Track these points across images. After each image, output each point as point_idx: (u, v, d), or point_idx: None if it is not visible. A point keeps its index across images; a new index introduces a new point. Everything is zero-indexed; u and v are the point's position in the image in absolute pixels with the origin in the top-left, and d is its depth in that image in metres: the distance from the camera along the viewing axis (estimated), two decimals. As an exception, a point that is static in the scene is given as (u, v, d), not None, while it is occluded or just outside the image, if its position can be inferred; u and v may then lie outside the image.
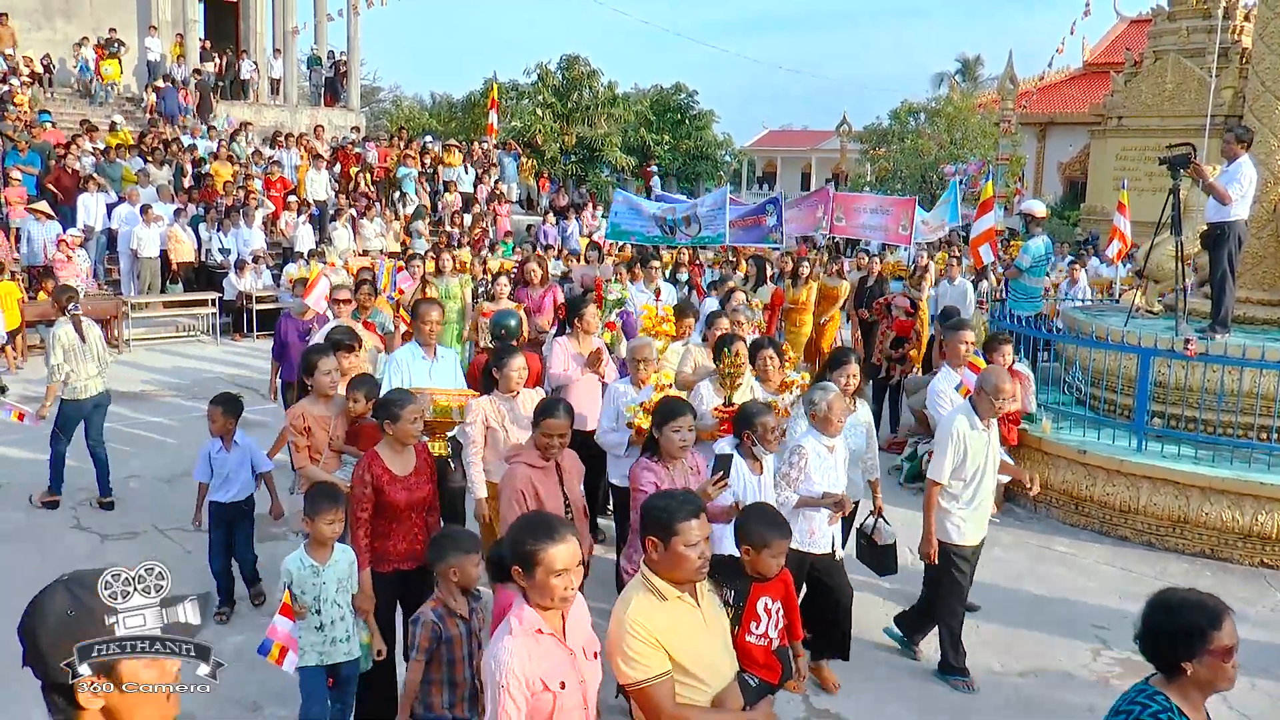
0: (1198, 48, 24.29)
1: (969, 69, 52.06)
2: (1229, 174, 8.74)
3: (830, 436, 5.61)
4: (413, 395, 5.12)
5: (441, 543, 4.29)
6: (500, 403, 6.05)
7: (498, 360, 6.05)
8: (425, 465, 5.14)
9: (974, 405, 5.84)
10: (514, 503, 4.90)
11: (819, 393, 5.64)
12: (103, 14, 25.26)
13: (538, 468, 5.01)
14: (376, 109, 45.83)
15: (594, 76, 34.96)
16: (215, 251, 17.65)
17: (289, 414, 5.83)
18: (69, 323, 8.16)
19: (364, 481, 4.90)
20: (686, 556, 3.32)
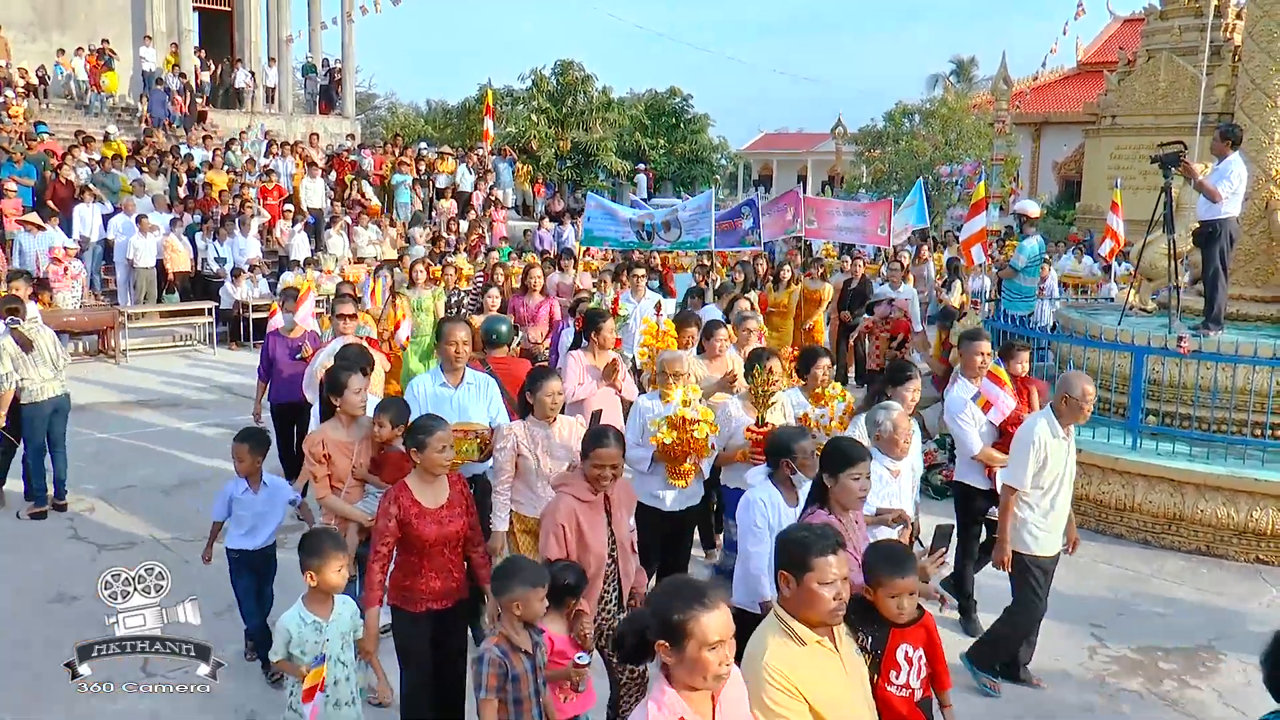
0: (1190, 46, 24.36)
1: (963, 70, 52.17)
2: (1219, 172, 8.78)
3: (896, 459, 5.29)
4: (442, 421, 4.72)
5: (506, 574, 4.02)
6: (535, 428, 5.62)
7: (532, 384, 5.61)
8: (460, 497, 4.77)
9: (1055, 411, 5.64)
10: (553, 538, 4.55)
11: (883, 412, 5.32)
12: (98, 24, 25.34)
13: (584, 501, 4.65)
14: (372, 116, 45.85)
15: (588, 81, 34.99)
16: (211, 261, 17.67)
17: (307, 441, 5.47)
18: (8, 333, 8.16)
19: (388, 514, 4.57)
20: (821, 596, 3.09)
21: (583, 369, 7.23)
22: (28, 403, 8.30)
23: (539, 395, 5.54)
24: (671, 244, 12.92)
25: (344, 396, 5.46)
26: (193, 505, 8.81)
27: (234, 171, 21.29)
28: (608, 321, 7.46)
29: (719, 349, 7.53)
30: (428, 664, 4.73)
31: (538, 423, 5.60)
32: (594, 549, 4.58)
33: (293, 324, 8.78)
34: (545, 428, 5.59)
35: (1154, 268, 10.66)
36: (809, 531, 3.22)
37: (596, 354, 7.33)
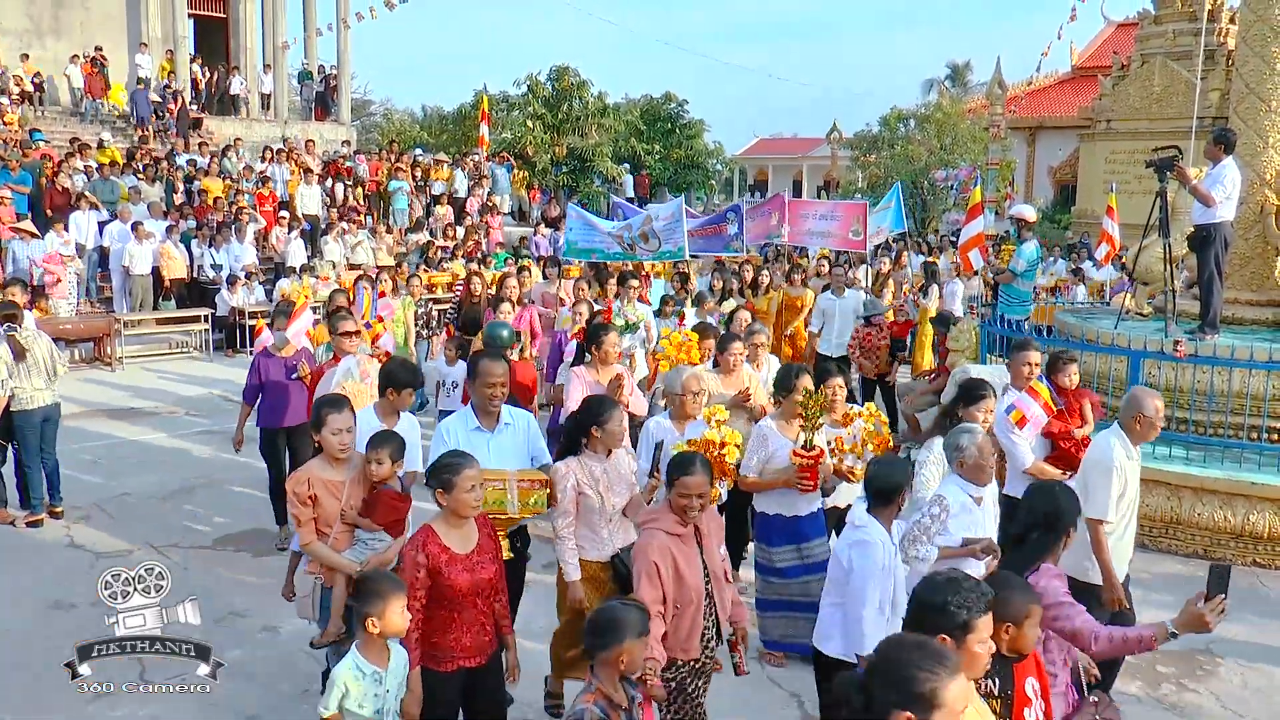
0: (1184, 51, 24.42)
1: (958, 75, 52.31)
2: (1212, 177, 8.80)
3: (980, 486, 4.96)
4: (470, 458, 4.27)
5: (608, 625, 3.54)
6: (592, 463, 5.13)
7: (596, 415, 5.10)
8: (489, 541, 4.38)
9: (1126, 430, 5.39)
10: (648, 579, 4.23)
11: (965, 436, 4.96)
12: (93, 32, 25.32)
13: (675, 534, 4.34)
14: (368, 123, 45.85)
15: (584, 87, 35.00)
16: (207, 268, 17.66)
17: (291, 480, 4.86)
18: (4, 342, 8.16)
19: (417, 564, 4.11)
20: (980, 656, 3.02)
21: (586, 385, 6.91)
22: (18, 410, 8.29)
23: (607, 427, 5.07)
24: (653, 255, 12.48)
25: (322, 435, 4.85)
26: (189, 513, 8.82)
27: (230, 178, 21.28)
28: (610, 334, 7.16)
29: (734, 363, 7.19)
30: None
31: (594, 456, 5.14)
32: (691, 584, 4.32)
33: (285, 341, 8.17)
34: (603, 461, 5.15)
35: (1150, 272, 10.68)
36: (960, 589, 3.07)
37: (600, 369, 7.03)
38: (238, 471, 9.67)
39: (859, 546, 4.47)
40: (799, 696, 5.83)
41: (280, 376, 7.96)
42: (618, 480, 5.15)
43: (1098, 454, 5.40)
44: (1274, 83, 9.74)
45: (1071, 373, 6.94)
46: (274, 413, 7.98)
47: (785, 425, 6.02)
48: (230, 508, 8.75)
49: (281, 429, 7.97)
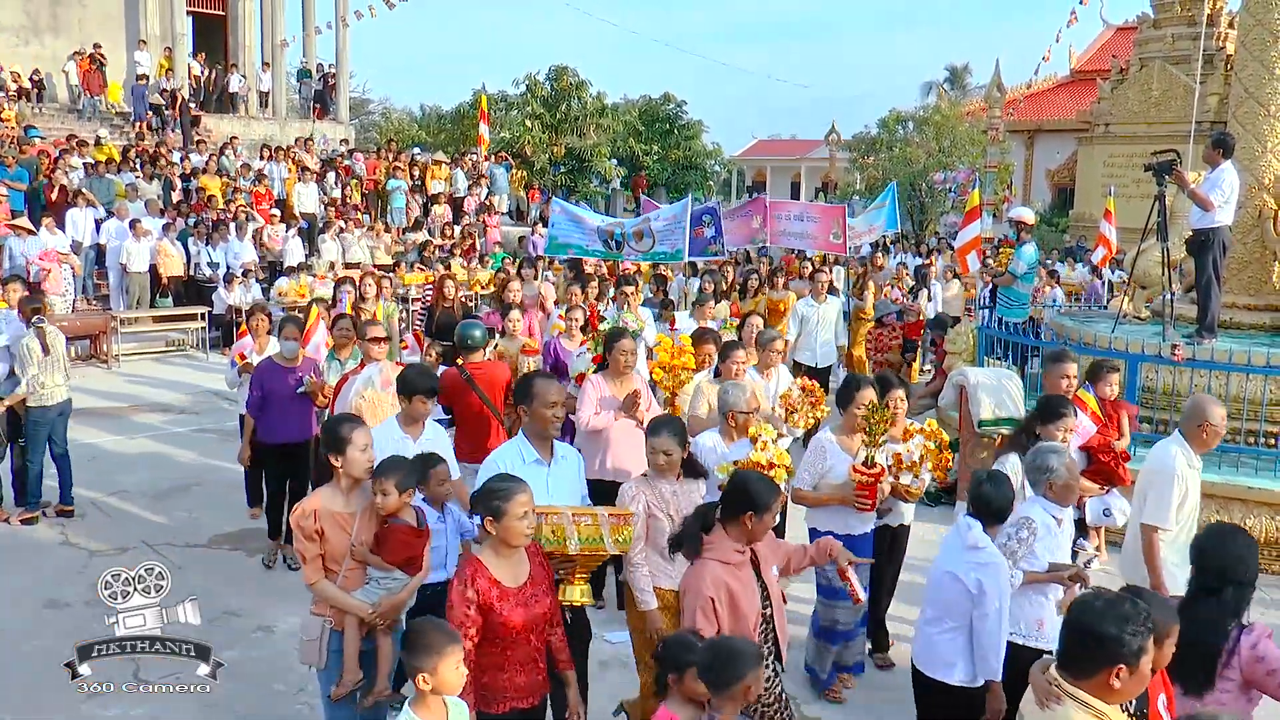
0: (1183, 55, 24.48)
1: (957, 77, 52.35)
2: (1211, 181, 8.80)
3: (1064, 507, 4.81)
4: (521, 482, 3.92)
5: (727, 658, 3.31)
6: (661, 484, 4.81)
7: (655, 431, 4.82)
8: (541, 571, 4.03)
9: (1188, 439, 5.25)
10: (701, 615, 3.99)
11: (1054, 456, 4.77)
12: (91, 29, 25.30)
13: (730, 563, 4.11)
14: (366, 121, 45.85)
15: (582, 87, 35.03)
16: (204, 265, 17.63)
17: (296, 513, 4.33)
18: (35, 335, 8.17)
19: (467, 600, 3.75)
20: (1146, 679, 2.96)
21: (599, 398, 6.46)
22: (37, 406, 8.27)
23: None
24: (644, 255, 12.01)
25: (347, 456, 4.31)
26: (184, 511, 8.80)
27: (227, 176, 21.26)
28: (624, 341, 6.59)
29: (736, 372, 6.80)
30: None
31: (664, 477, 4.81)
32: (748, 613, 4.08)
33: (295, 352, 7.64)
34: (673, 482, 4.83)
35: (1148, 276, 10.68)
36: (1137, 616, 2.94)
37: (615, 379, 6.53)
38: (233, 470, 9.62)
39: (987, 569, 4.25)
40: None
41: (284, 389, 7.46)
42: (688, 505, 4.73)
43: (1159, 462, 5.27)
44: (1273, 87, 9.74)
45: (1113, 382, 6.75)
46: (276, 427, 7.50)
47: (845, 439, 5.73)
48: (225, 506, 8.72)
49: (283, 445, 7.54)
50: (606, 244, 11.97)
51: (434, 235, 21.33)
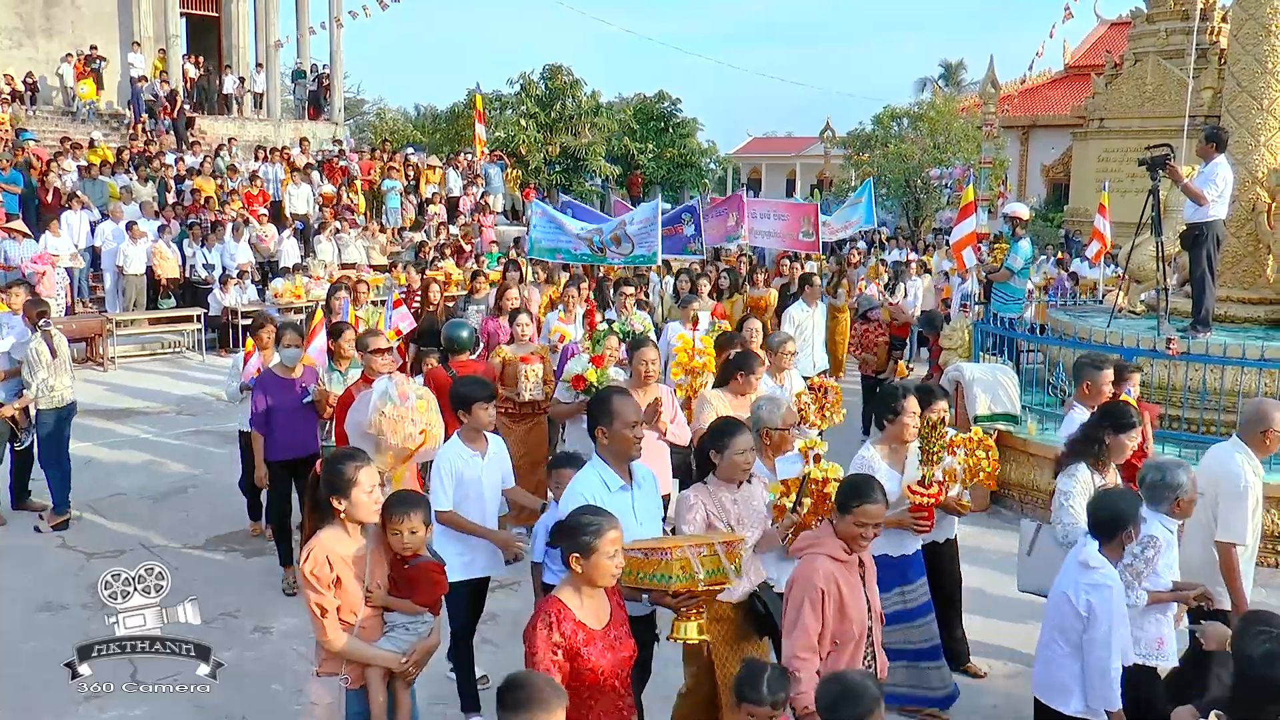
0: (1177, 49, 24.49)
1: (951, 74, 52.40)
2: (1204, 175, 8.83)
3: (1178, 519, 4.69)
4: (611, 516, 3.60)
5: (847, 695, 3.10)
6: (722, 493, 4.56)
7: (717, 439, 4.54)
8: (621, 611, 3.71)
9: (1248, 443, 5.07)
10: (811, 607, 3.83)
11: (1181, 471, 4.58)
12: (85, 30, 25.23)
13: (841, 561, 3.96)
14: (360, 122, 45.80)
15: (577, 86, 34.99)
16: (200, 267, 17.62)
17: (307, 562, 3.84)
18: (43, 339, 8.17)
19: (551, 645, 3.42)
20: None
21: None
22: (49, 408, 8.29)
23: (728, 453, 4.49)
24: (625, 258, 11.72)
25: (352, 499, 3.88)
26: (181, 513, 8.79)
27: (222, 177, 21.23)
28: (647, 349, 6.33)
29: (754, 384, 6.44)
30: None
31: (723, 485, 4.58)
32: (855, 617, 3.94)
33: (296, 361, 7.21)
34: (733, 490, 4.59)
35: (1142, 270, 10.70)
36: None
37: (636, 389, 6.15)
38: (230, 472, 9.63)
39: (1099, 590, 4.04)
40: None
41: (288, 401, 7.04)
42: (749, 513, 4.58)
43: (1224, 471, 5.05)
44: (1265, 81, 9.77)
45: (1135, 383, 6.58)
46: (282, 443, 7.08)
47: (891, 453, 5.36)
48: (222, 508, 8.72)
49: (291, 461, 7.09)
50: (590, 249, 11.76)
51: (430, 236, 21.31)
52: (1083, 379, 6.32)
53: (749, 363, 6.46)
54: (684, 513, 4.51)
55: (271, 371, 7.21)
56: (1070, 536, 4.85)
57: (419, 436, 5.38)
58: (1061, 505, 5.02)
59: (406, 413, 5.47)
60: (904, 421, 5.27)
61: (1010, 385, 9.12)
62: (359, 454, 4.08)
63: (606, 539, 3.49)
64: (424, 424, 5.38)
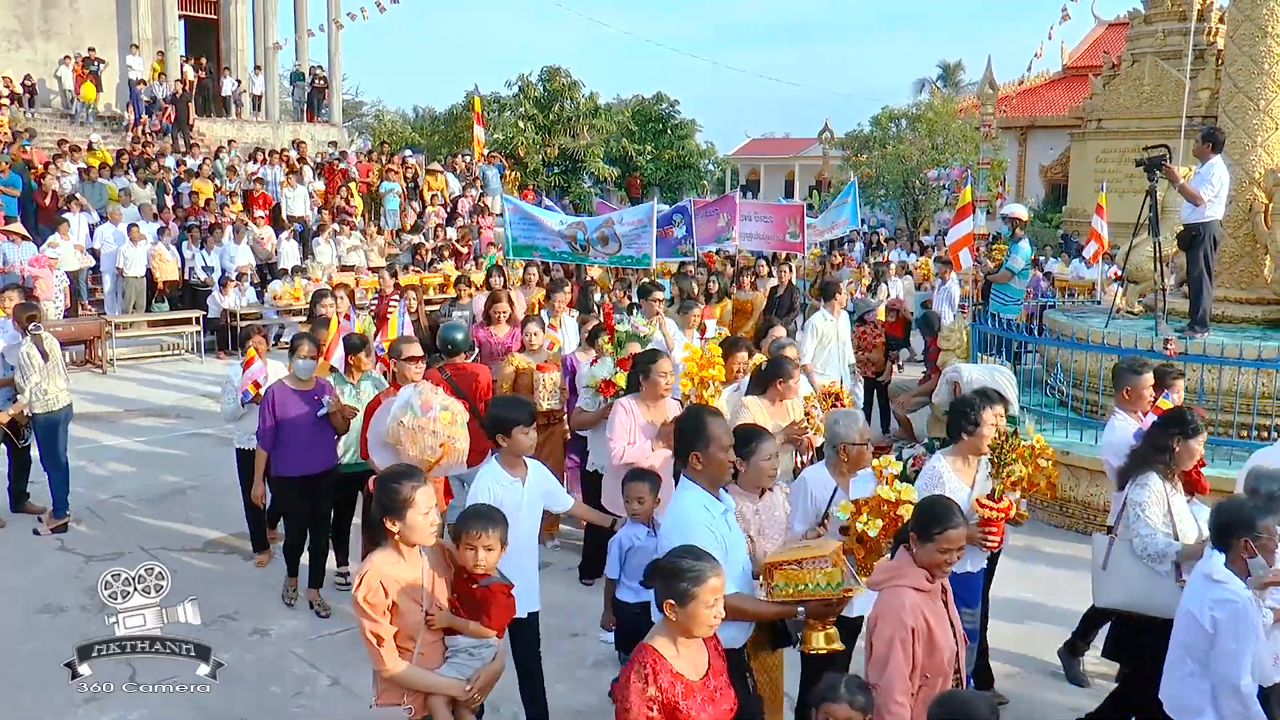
0: (1174, 50, 24.52)
1: (950, 74, 52.41)
2: (1200, 175, 8.85)
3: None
4: (712, 560, 3.29)
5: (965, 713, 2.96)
6: (743, 502, 4.39)
7: (743, 445, 4.35)
8: (719, 659, 3.44)
9: None
10: (902, 646, 3.58)
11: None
12: (83, 33, 25.26)
13: (924, 591, 3.71)
14: (359, 124, 45.83)
15: (575, 88, 35.03)
16: (199, 269, 17.62)
17: (361, 589, 3.60)
18: (33, 343, 8.15)
19: (646, 699, 3.15)
20: None
21: (635, 425, 5.81)
22: (44, 412, 8.25)
23: (754, 461, 4.37)
24: (610, 259, 11.20)
25: (408, 521, 3.65)
26: (180, 515, 8.80)
27: (220, 179, 21.23)
28: (662, 362, 5.95)
29: (793, 389, 6.12)
30: None
31: (745, 495, 4.42)
32: (944, 646, 3.72)
33: (310, 372, 6.81)
34: (755, 501, 4.45)
35: (1140, 270, 10.72)
36: None
37: (650, 404, 5.91)
38: (229, 474, 9.62)
39: (1225, 606, 3.89)
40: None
41: (302, 414, 6.67)
42: (771, 524, 4.43)
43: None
44: (1262, 82, 9.79)
45: (1179, 389, 6.36)
46: (294, 458, 6.70)
47: (963, 465, 5.10)
48: (221, 510, 8.72)
49: (303, 477, 6.76)
50: (571, 247, 11.19)
51: (427, 238, 21.32)
52: (1123, 384, 6.12)
53: (785, 369, 6.19)
54: None
55: (283, 384, 6.80)
56: (1149, 549, 4.77)
57: (438, 449, 5.16)
58: (1137, 517, 4.89)
59: (427, 424, 5.24)
60: (983, 433, 5.02)
61: (1008, 386, 9.12)
62: (414, 472, 3.79)
63: (707, 588, 3.20)
64: (445, 436, 5.17)
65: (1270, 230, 9.81)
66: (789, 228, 13.96)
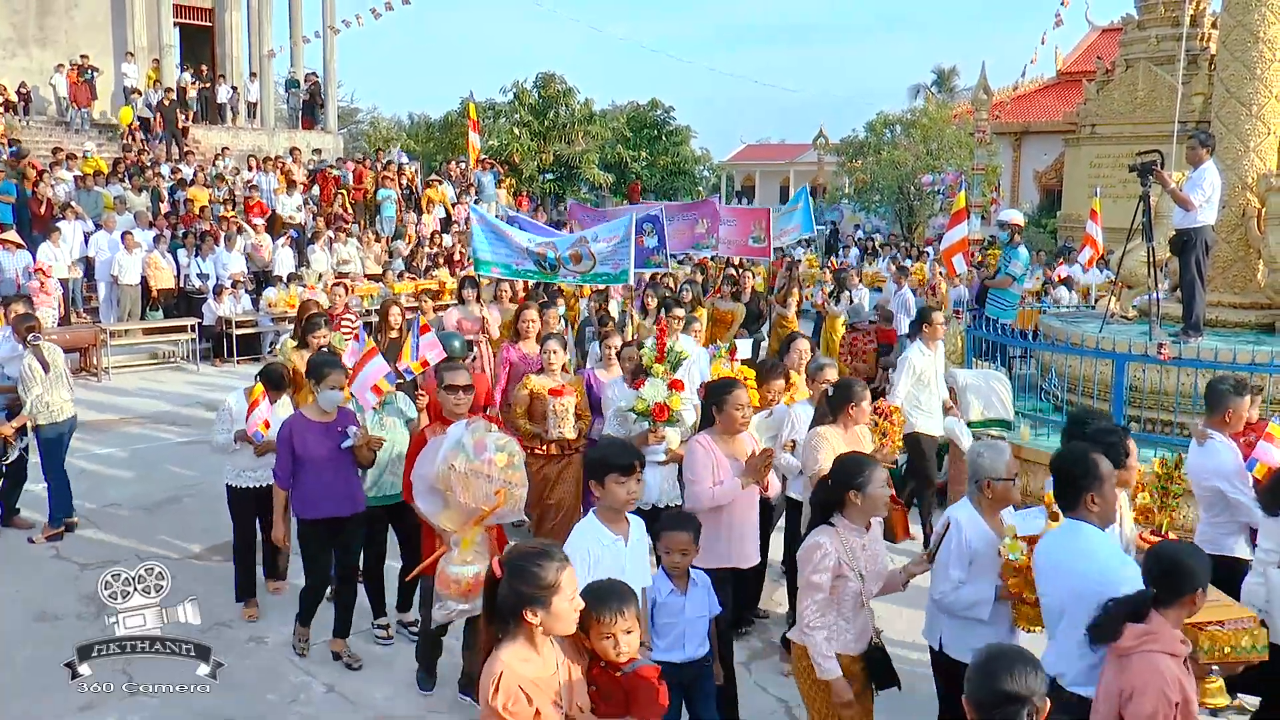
0: (1167, 55, 24.60)
1: (944, 80, 52.56)
2: (1192, 181, 8.88)
3: None
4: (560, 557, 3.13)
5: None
6: (851, 536, 4.19)
7: (854, 478, 4.14)
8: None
9: None
10: None
11: None
12: (78, 40, 25.27)
13: (1178, 656, 3.40)
14: (354, 130, 45.85)
15: (570, 94, 35.12)
16: (194, 277, 17.61)
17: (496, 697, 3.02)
18: (33, 354, 8.11)
19: None
20: None
21: (717, 461, 5.14)
22: (48, 423, 8.20)
23: (868, 491, 4.12)
24: (582, 277, 10.53)
25: (553, 610, 3.08)
26: (176, 523, 8.79)
27: (216, 188, 21.23)
28: (738, 393, 5.26)
29: (865, 413, 5.75)
30: None
31: (852, 528, 4.20)
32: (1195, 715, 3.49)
33: (336, 404, 6.05)
34: (863, 534, 4.22)
35: (1134, 275, 10.75)
36: None
37: (729, 439, 5.25)
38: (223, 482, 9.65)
39: None
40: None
41: (324, 449, 5.95)
42: (872, 559, 4.20)
43: None
44: (1254, 87, 9.82)
45: (1258, 406, 6.07)
46: (320, 499, 5.99)
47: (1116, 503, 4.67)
48: (216, 518, 8.66)
49: (323, 522, 6.05)
50: (540, 265, 10.49)
51: (423, 244, 21.32)
52: (1224, 406, 5.63)
53: (856, 392, 5.75)
54: (815, 559, 4.10)
55: (301, 415, 6.10)
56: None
57: (493, 497, 4.60)
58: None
59: (482, 467, 4.62)
60: (1131, 465, 4.74)
61: (1003, 391, 9.16)
62: (555, 551, 3.16)
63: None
64: (501, 482, 4.60)
65: (1263, 235, 9.84)
66: (753, 231, 13.64)
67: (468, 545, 4.82)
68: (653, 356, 6.25)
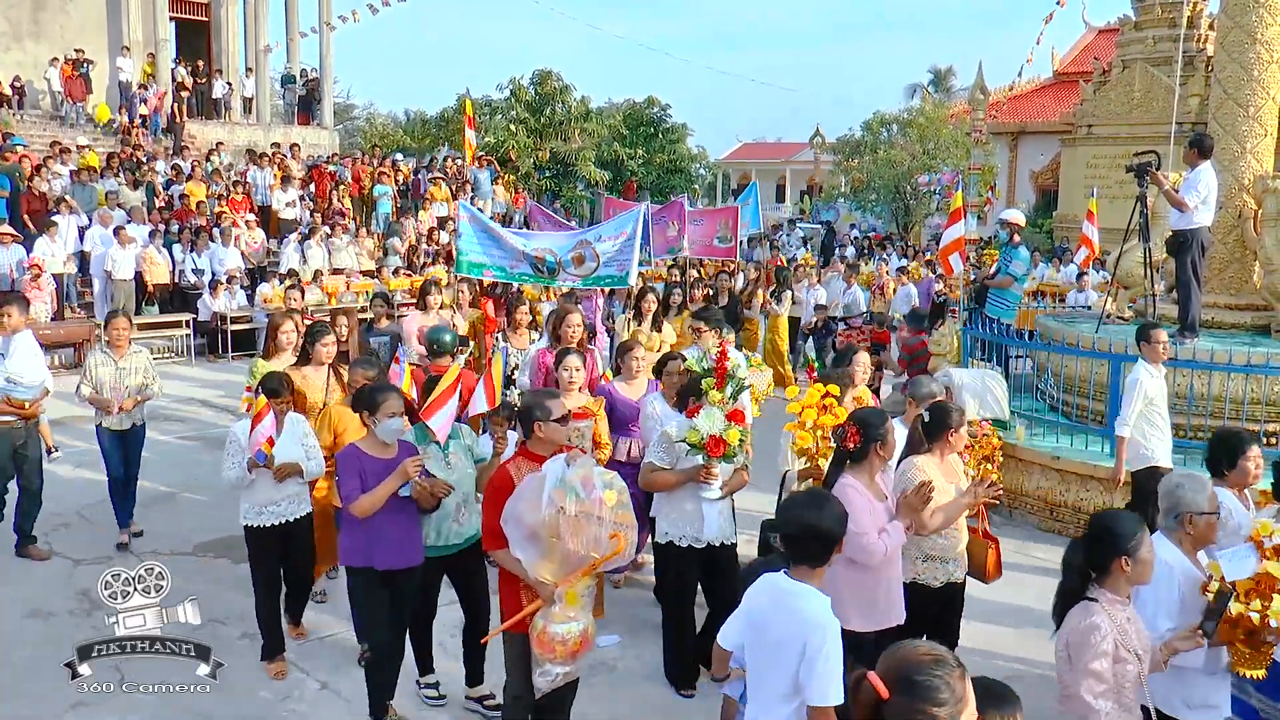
0: (1164, 56, 24.65)
1: (941, 80, 52.54)
2: (1188, 182, 8.88)
3: None
4: None
5: None
6: (1118, 611, 3.62)
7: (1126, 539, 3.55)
8: None
9: None
10: None
11: None
12: (73, 35, 25.17)
13: None
14: (350, 126, 45.77)
15: (567, 91, 35.07)
16: (189, 272, 17.56)
17: None
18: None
19: None
20: None
21: (872, 505, 4.59)
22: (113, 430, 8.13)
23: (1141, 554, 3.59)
24: (584, 280, 9.89)
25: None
26: (170, 519, 8.77)
27: (210, 182, 21.18)
28: (885, 425, 4.71)
29: (963, 439, 5.26)
30: None
31: (1117, 600, 3.70)
32: None
33: (397, 437, 5.14)
34: (1126, 605, 3.73)
35: (1130, 276, 10.76)
36: None
37: (872, 479, 4.70)
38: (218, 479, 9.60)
39: None
40: None
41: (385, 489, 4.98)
42: (1138, 632, 3.60)
43: None
44: (1251, 89, 9.83)
45: None
46: (369, 546, 5.09)
47: None
48: (211, 514, 8.69)
49: (390, 575, 5.16)
50: (536, 268, 9.84)
51: (421, 241, 21.30)
52: None
53: (953, 418, 5.16)
54: (1101, 646, 3.50)
55: (357, 448, 5.10)
56: None
57: (608, 542, 4.06)
58: None
59: (592, 508, 4.07)
60: (1246, 468, 4.60)
61: (999, 390, 9.15)
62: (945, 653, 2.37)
63: None
64: (613, 524, 4.07)
65: (1259, 236, 9.85)
66: (719, 231, 13.42)
67: (574, 599, 4.24)
68: (711, 382, 5.45)
